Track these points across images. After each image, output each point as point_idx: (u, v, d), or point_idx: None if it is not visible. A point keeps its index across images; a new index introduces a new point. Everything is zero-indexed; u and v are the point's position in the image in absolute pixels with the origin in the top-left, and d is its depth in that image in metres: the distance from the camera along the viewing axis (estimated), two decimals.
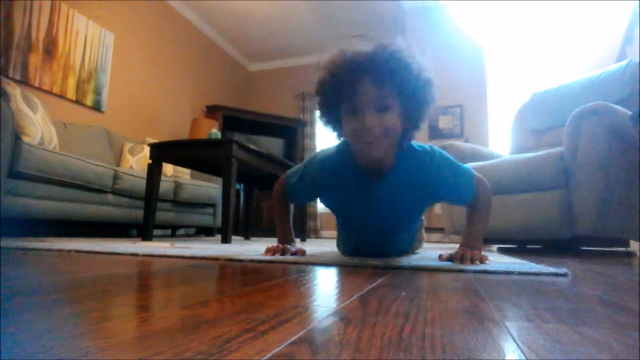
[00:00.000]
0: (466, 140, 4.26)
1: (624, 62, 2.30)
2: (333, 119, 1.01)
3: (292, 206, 1.29)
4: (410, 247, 1.37)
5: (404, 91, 0.92)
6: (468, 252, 1.01)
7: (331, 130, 1.05)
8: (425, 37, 4.47)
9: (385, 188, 1.05)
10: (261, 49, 5.70)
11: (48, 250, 1.22)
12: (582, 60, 5.02)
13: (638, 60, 2.24)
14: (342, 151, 1.07)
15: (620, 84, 2.23)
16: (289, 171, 1.24)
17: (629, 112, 1.75)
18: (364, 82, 0.90)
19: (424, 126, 1.03)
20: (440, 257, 1.07)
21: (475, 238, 1.09)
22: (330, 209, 1.23)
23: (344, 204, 1.15)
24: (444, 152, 1.07)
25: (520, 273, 0.82)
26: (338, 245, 1.41)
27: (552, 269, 0.85)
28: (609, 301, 0.53)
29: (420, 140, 1.34)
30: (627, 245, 2.27)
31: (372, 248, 1.22)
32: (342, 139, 1.06)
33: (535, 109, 2.70)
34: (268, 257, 1.07)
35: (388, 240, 1.20)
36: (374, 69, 0.90)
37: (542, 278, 0.77)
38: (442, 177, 1.03)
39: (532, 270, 0.83)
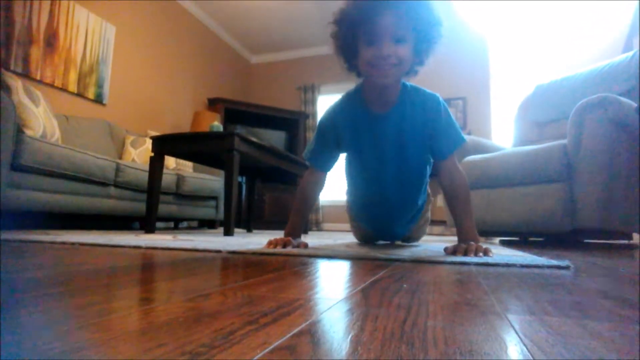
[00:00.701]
0: (469, 133, 4.24)
1: (629, 54, 2.27)
2: (348, 49, 1.08)
3: (315, 197, 1.30)
4: (418, 219, 1.40)
5: (418, 26, 1.01)
6: (472, 244, 1.03)
7: (344, 60, 1.12)
8: None
9: (390, 124, 1.13)
10: (263, 41, 5.66)
11: (52, 242, 1.23)
12: (588, 52, 4.96)
13: None
14: (350, 96, 1.18)
15: (626, 76, 2.20)
16: (305, 150, 1.31)
17: (634, 104, 1.73)
18: (384, 13, 0.98)
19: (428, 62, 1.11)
20: (446, 250, 1.08)
21: (470, 230, 1.13)
22: (345, 158, 1.30)
23: (354, 147, 1.22)
24: (447, 107, 1.16)
25: (522, 266, 0.81)
26: (350, 220, 1.50)
27: (554, 262, 0.85)
28: (611, 294, 0.53)
29: None
30: (629, 237, 2.26)
31: (384, 210, 1.28)
32: (353, 70, 1.13)
33: (539, 101, 2.68)
34: (270, 250, 1.08)
35: (398, 199, 1.26)
36: (394, 3, 0.98)
37: (545, 271, 0.77)
38: (440, 122, 1.13)
39: (535, 263, 0.83)
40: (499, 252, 1.18)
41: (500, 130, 5.03)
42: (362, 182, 1.31)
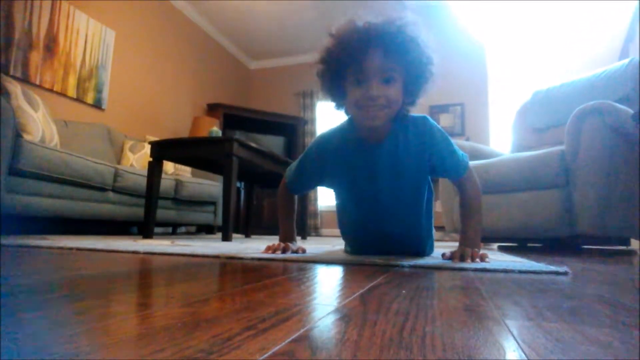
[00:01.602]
0: (467, 139, 4.26)
1: (625, 61, 2.29)
2: (335, 89, 1.03)
3: (295, 204, 1.28)
4: (424, 246, 1.24)
5: (408, 65, 0.96)
6: (468, 250, 1.02)
7: (331, 100, 1.07)
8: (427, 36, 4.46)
9: (384, 153, 1.07)
10: (262, 47, 5.69)
11: (49, 248, 1.22)
12: (585, 58, 5.00)
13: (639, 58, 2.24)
14: (342, 126, 1.13)
15: (622, 83, 2.22)
16: (289, 167, 1.27)
17: (631, 111, 1.74)
18: (372, 53, 0.93)
19: (419, 102, 1.06)
20: (443, 255, 1.07)
21: (472, 236, 1.09)
22: (334, 189, 1.22)
23: (347, 177, 1.15)
24: (440, 129, 1.10)
25: (520, 271, 0.82)
26: (345, 247, 1.36)
27: (552, 268, 0.85)
28: (609, 300, 0.53)
29: None
30: (627, 243, 2.27)
31: (380, 238, 1.18)
32: (341, 109, 1.08)
33: (537, 107, 2.70)
34: (268, 255, 1.07)
35: (395, 226, 1.15)
36: (382, 42, 0.93)
37: (543, 276, 0.77)
38: (439, 145, 1.07)
39: (533, 269, 0.83)
40: (498, 258, 1.18)
41: (499, 136, 5.05)
42: (355, 210, 1.20)
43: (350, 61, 0.96)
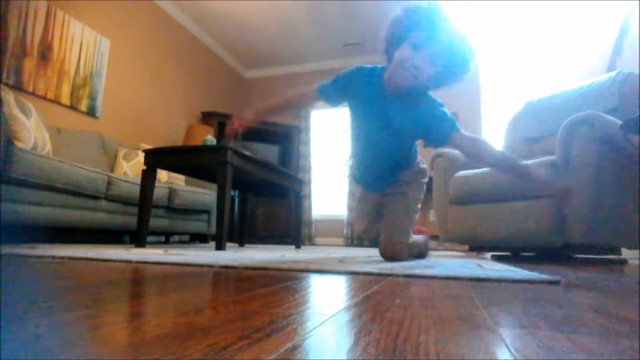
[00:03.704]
0: None
1: (613, 73, 2.33)
2: (396, 40, 1.22)
3: (290, 103, 1.53)
4: (407, 164, 1.55)
5: (451, 66, 1.20)
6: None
7: (386, 43, 1.27)
8: None
9: (395, 105, 1.30)
10: (257, 56, 5.72)
11: (40, 257, 1.20)
12: (575, 68, 5.10)
13: (627, 71, 2.28)
14: (376, 68, 1.34)
15: (610, 94, 2.26)
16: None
17: (619, 122, 1.78)
18: (442, 39, 1.15)
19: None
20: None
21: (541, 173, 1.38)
22: (350, 115, 1.46)
23: (361, 109, 1.40)
24: (454, 119, 1.34)
25: (513, 280, 0.82)
26: (352, 176, 1.69)
27: (545, 277, 0.85)
28: (601, 309, 0.53)
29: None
30: (618, 252, 2.29)
31: (378, 168, 1.50)
32: (388, 54, 1.27)
33: (528, 117, 2.74)
34: (262, 265, 1.07)
35: (387, 160, 1.46)
36: (452, 39, 1.16)
37: (536, 285, 0.77)
38: (434, 112, 1.31)
39: (526, 278, 0.84)
40: (491, 267, 1.18)
41: (492, 144, 5.08)
42: (360, 145, 1.50)
43: (423, 30, 1.16)
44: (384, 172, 1.51)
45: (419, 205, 1.61)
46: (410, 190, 1.56)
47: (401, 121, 1.32)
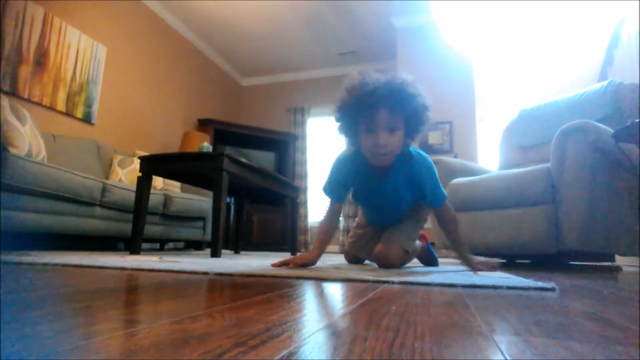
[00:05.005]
0: (455, 156, 4.31)
1: (605, 83, 2.37)
2: (350, 132, 1.30)
3: (332, 230, 1.47)
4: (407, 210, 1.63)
5: (409, 115, 1.21)
6: (482, 262, 1.33)
7: (346, 138, 1.33)
8: (416, 55, 4.57)
9: (389, 181, 1.37)
10: (254, 64, 5.75)
11: (32, 264, 1.19)
12: (567, 79, 5.18)
13: (618, 80, 2.32)
14: (356, 155, 1.37)
15: (602, 103, 2.29)
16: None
17: (611, 130, 1.80)
18: (381, 109, 1.18)
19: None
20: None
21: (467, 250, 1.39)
22: (354, 196, 1.56)
23: (362, 193, 1.52)
24: (432, 165, 1.39)
25: (508, 287, 0.82)
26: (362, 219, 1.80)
27: (540, 284, 0.86)
28: (595, 316, 0.54)
29: None
30: (612, 260, 2.30)
31: (384, 219, 1.60)
32: (354, 146, 1.34)
33: (523, 125, 2.76)
34: (258, 272, 1.06)
35: (395, 212, 1.56)
36: (388, 100, 1.17)
37: (530, 292, 0.78)
38: (426, 178, 1.37)
39: (521, 285, 0.84)
40: (486, 274, 1.19)
41: (487, 153, 5.13)
42: (367, 208, 1.66)
43: (362, 114, 1.20)
44: (392, 218, 1.59)
45: (427, 218, 1.71)
46: (418, 207, 1.62)
47: (397, 192, 1.41)
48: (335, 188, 1.46)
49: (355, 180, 1.44)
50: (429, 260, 1.83)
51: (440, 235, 2.44)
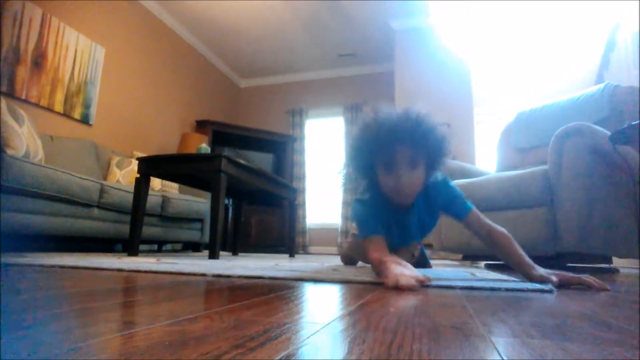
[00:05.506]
0: (454, 158, 4.32)
1: (601, 85, 2.38)
2: (367, 171, 1.19)
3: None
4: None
5: (429, 149, 1.13)
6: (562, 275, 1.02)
7: (362, 178, 1.23)
8: (414, 57, 4.58)
9: (412, 215, 1.31)
10: (252, 65, 5.76)
11: (30, 265, 1.19)
12: (563, 82, 5.21)
13: (614, 83, 2.33)
14: (374, 197, 1.25)
15: (599, 106, 2.30)
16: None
17: (608, 133, 1.81)
18: (400, 145, 1.10)
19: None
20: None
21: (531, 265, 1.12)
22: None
23: (385, 226, 1.34)
24: (449, 186, 1.29)
25: (506, 289, 0.82)
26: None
27: (537, 286, 0.86)
28: (592, 317, 0.54)
29: None
30: (610, 261, 2.31)
31: (404, 242, 1.47)
32: (372, 188, 1.23)
33: (520, 128, 2.77)
34: (255, 273, 1.06)
35: (417, 237, 1.47)
36: (407, 135, 1.09)
37: (528, 294, 0.78)
38: (449, 199, 1.27)
39: (519, 287, 0.84)
40: (485, 276, 1.19)
41: (485, 155, 5.15)
42: (388, 236, 1.39)
43: (380, 151, 1.12)
44: (412, 240, 1.51)
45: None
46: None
47: (422, 221, 1.35)
48: (373, 224, 1.28)
49: (382, 216, 1.33)
50: (421, 262, 1.83)
51: (436, 237, 2.45)
